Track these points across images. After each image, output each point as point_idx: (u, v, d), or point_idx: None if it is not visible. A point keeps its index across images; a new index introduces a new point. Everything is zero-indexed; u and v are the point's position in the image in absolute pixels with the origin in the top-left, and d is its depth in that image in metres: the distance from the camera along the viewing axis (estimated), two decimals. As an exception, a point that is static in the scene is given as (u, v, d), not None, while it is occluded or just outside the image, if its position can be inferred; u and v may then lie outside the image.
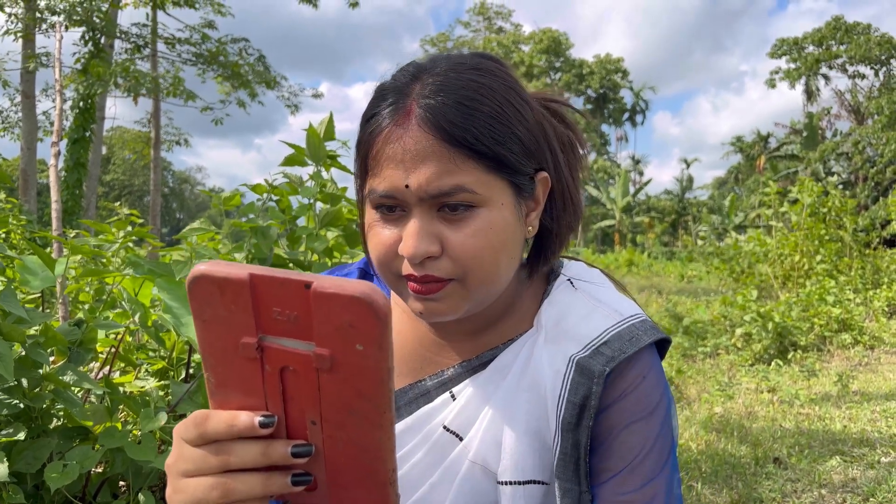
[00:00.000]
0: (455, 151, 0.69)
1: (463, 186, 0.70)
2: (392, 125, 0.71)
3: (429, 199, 0.70)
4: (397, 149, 0.70)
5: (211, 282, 0.47)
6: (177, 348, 2.00)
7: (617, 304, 0.83)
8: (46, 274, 1.93)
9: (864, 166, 25.74)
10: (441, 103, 0.69)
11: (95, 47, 12.81)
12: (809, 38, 30.56)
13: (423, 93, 0.71)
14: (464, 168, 0.69)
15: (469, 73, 0.72)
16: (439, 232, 0.72)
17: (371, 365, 0.47)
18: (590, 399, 0.76)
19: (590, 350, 0.78)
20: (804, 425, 4.06)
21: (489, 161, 0.70)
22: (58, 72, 3.38)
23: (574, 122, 0.87)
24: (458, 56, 0.77)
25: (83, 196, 13.51)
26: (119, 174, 52.42)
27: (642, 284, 15.06)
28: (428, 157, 0.69)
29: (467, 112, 0.69)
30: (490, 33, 52.55)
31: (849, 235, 9.58)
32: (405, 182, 0.70)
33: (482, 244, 0.72)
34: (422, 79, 0.72)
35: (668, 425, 0.79)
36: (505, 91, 0.73)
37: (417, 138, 0.69)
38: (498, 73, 0.75)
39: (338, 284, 0.45)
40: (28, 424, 1.60)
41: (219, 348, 0.49)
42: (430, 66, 0.75)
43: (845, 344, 6.54)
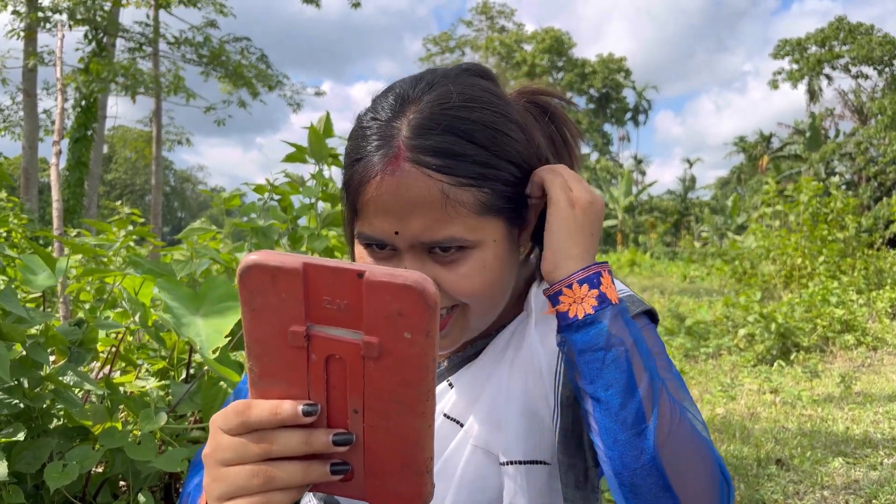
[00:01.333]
0: (448, 198, 0.67)
1: (454, 237, 0.69)
2: (380, 172, 0.68)
3: (419, 245, 0.70)
4: (387, 198, 0.68)
5: (263, 271, 0.47)
6: (177, 348, 2.00)
7: None
8: (47, 273, 1.92)
9: (867, 167, 25.68)
10: (430, 149, 0.67)
11: (98, 46, 12.82)
12: (812, 38, 30.51)
13: (409, 135, 0.68)
14: (455, 217, 0.68)
15: (457, 108, 0.70)
16: (433, 273, 0.71)
17: (417, 353, 0.48)
18: None
19: None
20: (807, 426, 4.05)
21: (481, 203, 0.69)
22: (59, 70, 3.37)
23: (564, 112, 0.85)
24: (444, 79, 0.74)
25: (85, 195, 13.53)
26: (120, 173, 52.48)
27: (645, 284, 15.04)
28: (418, 207, 0.67)
29: (458, 158, 0.67)
30: (492, 32, 52.53)
31: (851, 236, 9.56)
32: (395, 230, 0.69)
33: (476, 283, 0.72)
34: (406, 115, 0.70)
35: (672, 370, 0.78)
36: (494, 122, 0.71)
37: (409, 183, 0.67)
38: (486, 99, 0.72)
39: (389, 273, 0.46)
40: (28, 424, 1.59)
41: (266, 337, 0.50)
42: (414, 96, 0.71)
43: (848, 345, 6.53)
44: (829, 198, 9.95)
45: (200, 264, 1.96)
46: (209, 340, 1.48)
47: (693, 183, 45.00)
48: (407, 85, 0.74)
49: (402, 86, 0.74)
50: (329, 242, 2.12)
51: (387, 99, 0.73)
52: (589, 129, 50.41)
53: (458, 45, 53.31)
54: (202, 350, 1.46)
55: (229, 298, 1.58)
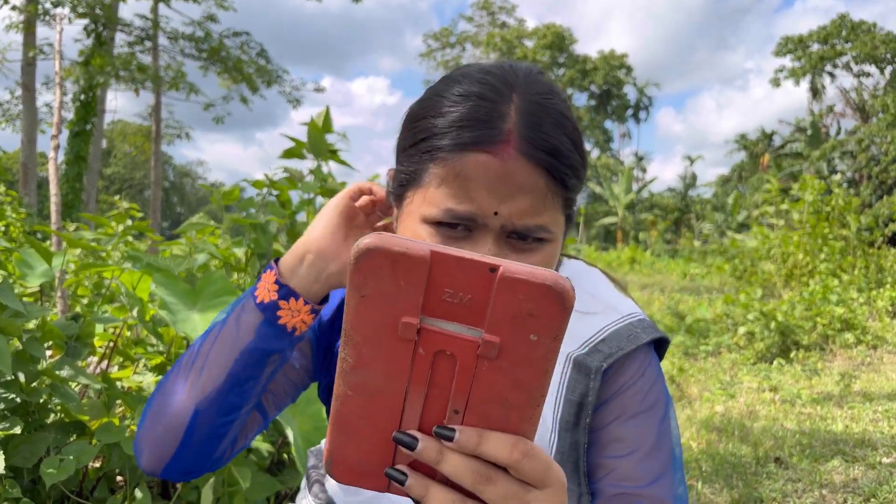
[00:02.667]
0: (551, 189, 0.68)
1: (546, 227, 0.70)
2: (486, 151, 0.67)
3: (506, 230, 0.69)
4: (492, 175, 0.67)
5: (385, 256, 0.44)
6: (175, 343, 1.99)
7: (615, 303, 0.83)
8: (45, 268, 1.92)
9: (869, 164, 25.67)
10: (541, 136, 0.68)
11: (97, 40, 12.79)
12: (814, 36, 30.47)
13: (520, 119, 0.68)
14: (551, 207, 0.69)
15: (559, 102, 0.72)
16: (507, 257, 0.70)
17: (540, 356, 0.45)
18: (587, 396, 0.76)
19: (587, 348, 0.77)
20: (806, 425, 4.05)
21: (565, 200, 0.71)
22: (58, 64, 3.36)
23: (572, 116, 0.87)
24: (536, 73, 0.75)
25: (83, 189, 13.51)
26: (119, 168, 52.44)
27: (645, 282, 15.04)
28: (524, 190, 0.67)
29: (561, 157, 0.69)
30: (493, 28, 52.45)
31: (852, 234, 9.55)
32: (495, 209, 0.67)
33: None
34: (513, 99, 0.69)
35: (668, 423, 0.78)
36: (576, 122, 0.73)
37: (516, 169, 0.67)
38: (567, 100, 0.75)
39: (528, 271, 0.43)
40: (25, 419, 1.59)
41: (372, 326, 0.46)
42: (515, 82, 0.71)
43: (848, 343, 6.52)
44: (830, 196, 9.94)
45: (198, 259, 1.96)
46: (206, 336, 1.47)
47: (694, 180, 44.98)
48: (506, 69, 0.73)
49: (500, 68, 0.73)
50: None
51: (490, 76, 0.72)
52: (590, 125, 50.39)
53: (458, 41, 53.24)
54: (199, 345, 1.46)
55: (226, 293, 1.57)
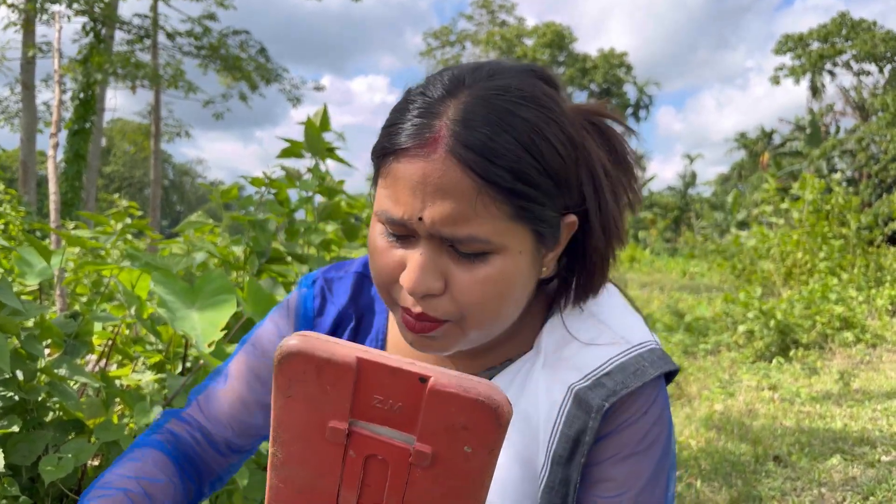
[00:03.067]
0: (479, 193, 0.62)
1: (476, 237, 0.63)
2: (416, 145, 0.63)
3: (440, 236, 0.65)
4: (416, 174, 0.63)
5: (309, 360, 0.43)
6: (174, 341, 1.99)
7: (625, 330, 0.77)
8: (44, 266, 1.91)
9: (868, 163, 25.67)
10: (476, 136, 0.62)
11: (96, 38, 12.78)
12: (815, 34, 30.44)
13: (456, 117, 0.63)
14: (483, 214, 0.63)
15: (513, 103, 0.64)
16: (446, 268, 0.66)
17: (475, 468, 0.44)
18: (585, 434, 0.72)
19: (591, 380, 0.73)
20: (805, 423, 4.05)
21: (514, 208, 0.64)
22: (57, 62, 3.36)
23: (623, 137, 0.78)
24: (503, 71, 0.68)
25: (83, 188, 13.51)
26: (119, 166, 52.43)
27: (644, 281, 15.04)
28: (449, 193, 0.62)
29: (499, 158, 0.62)
30: (493, 27, 52.43)
31: (852, 233, 9.56)
32: (419, 214, 0.63)
33: (489, 291, 0.66)
34: (457, 97, 0.65)
35: (665, 464, 0.74)
36: (548, 126, 0.65)
37: (443, 170, 0.62)
38: (543, 102, 0.67)
39: (459, 384, 0.41)
40: (23, 417, 1.59)
41: (299, 427, 0.45)
42: (469, 80, 0.66)
43: (847, 342, 6.53)
44: (830, 195, 9.94)
45: (197, 258, 1.95)
46: (204, 334, 1.47)
47: (694, 179, 44.98)
48: (466, 69, 0.69)
49: (461, 69, 0.69)
50: (326, 236, 2.11)
51: (441, 78, 0.68)
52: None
53: (458, 40, 53.20)
54: (198, 344, 1.46)
55: (224, 292, 1.57)
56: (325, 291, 0.88)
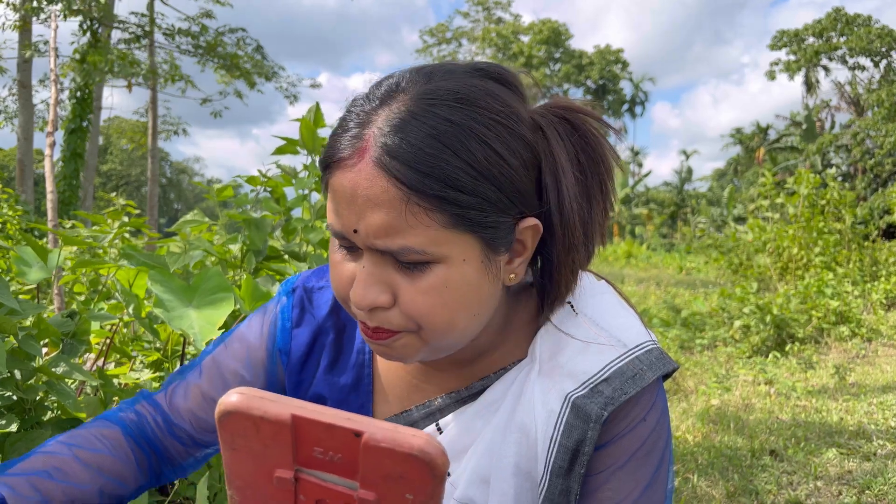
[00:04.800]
0: (408, 203, 0.60)
1: (411, 248, 0.61)
2: (347, 156, 0.62)
3: (377, 249, 0.63)
4: (348, 186, 0.62)
5: (246, 418, 0.44)
6: (172, 340, 2.00)
7: (621, 332, 0.74)
8: (41, 265, 1.92)
9: (864, 158, 25.71)
10: (401, 144, 0.60)
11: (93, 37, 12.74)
12: (810, 29, 30.45)
13: (383, 125, 0.61)
14: (415, 225, 0.60)
15: (445, 107, 0.62)
16: (392, 281, 0.64)
17: None
18: (584, 444, 0.70)
19: (588, 388, 0.70)
20: (801, 417, 4.07)
21: (449, 216, 0.61)
22: (53, 61, 3.36)
23: (601, 133, 0.75)
24: (447, 74, 0.66)
25: (80, 186, 13.48)
26: (116, 164, 52.32)
27: (641, 276, 15.06)
28: (379, 206, 0.60)
29: (428, 166, 0.59)
30: (489, 24, 52.35)
31: (847, 228, 9.58)
32: (354, 227, 0.63)
33: (435, 302, 0.64)
34: (390, 105, 0.63)
35: (664, 467, 0.73)
36: (487, 128, 0.62)
37: (370, 180, 0.60)
38: (484, 104, 0.63)
39: (392, 438, 0.42)
40: (21, 416, 1.59)
41: (248, 476, 0.47)
42: (405, 86, 0.65)
43: (843, 336, 6.55)
44: (825, 189, 9.96)
45: (194, 256, 1.96)
46: (202, 332, 1.48)
47: (690, 175, 45.03)
48: (406, 74, 0.67)
49: (402, 74, 0.67)
50: (324, 234, 2.12)
51: (380, 85, 0.66)
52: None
53: (454, 37, 53.10)
54: (195, 342, 1.46)
55: (222, 290, 1.57)
56: (305, 301, 0.86)
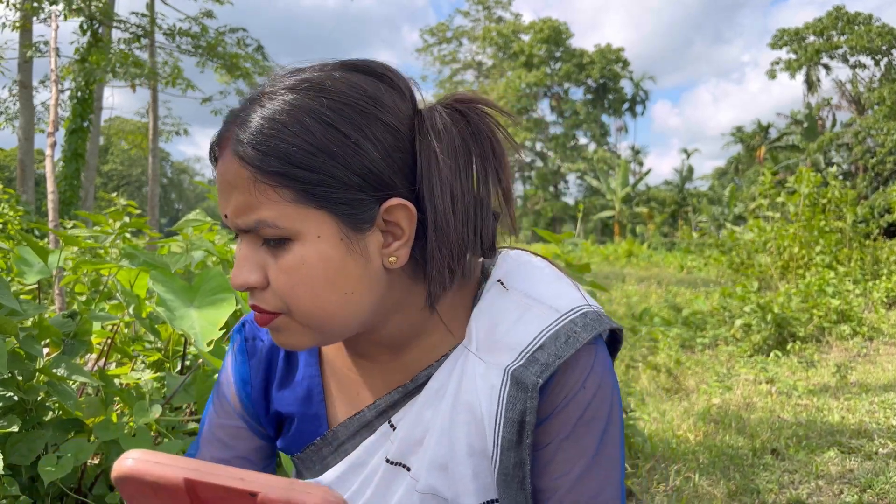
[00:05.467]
0: (255, 182, 0.65)
1: (264, 221, 0.66)
2: (217, 150, 0.70)
3: (244, 230, 0.68)
4: (218, 176, 0.69)
5: (141, 483, 0.45)
6: (173, 340, 2.00)
7: (554, 300, 0.74)
8: (42, 265, 1.92)
9: (865, 157, 25.70)
10: (250, 130, 0.66)
11: (93, 37, 12.74)
12: (810, 28, 30.43)
13: (242, 117, 0.67)
14: (264, 200, 0.65)
15: (295, 94, 0.67)
16: (264, 261, 0.68)
17: None
18: (526, 414, 0.70)
19: (524, 358, 0.71)
20: (802, 416, 4.07)
21: (296, 192, 0.65)
22: (54, 61, 3.36)
23: (495, 122, 0.75)
24: (316, 70, 0.70)
25: (81, 186, 13.48)
26: (117, 164, 52.35)
27: (642, 275, 15.06)
28: (234, 188, 0.66)
29: (268, 139, 0.65)
30: (490, 23, 52.31)
31: (848, 226, 9.57)
32: (225, 212, 0.69)
33: (295, 280, 0.67)
34: (256, 100, 0.68)
35: (612, 434, 0.73)
36: (332, 111, 0.66)
37: (226, 167, 0.67)
38: (341, 90, 0.67)
39: (287, 497, 0.42)
40: (22, 417, 1.59)
41: None
42: (271, 86, 0.70)
43: (844, 335, 6.55)
44: (826, 188, 9.96)
45: (195, 256, 1.96)
46: (203, 333, 1.48)
47: (690, 173, 45.00)
48: (280, 74, 0.71)
49: (275, 76, 0.72)
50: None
51: (257, 86, 0.72)
52: (586, 119, 50.33)
53: (455, 36, 53.07)
54: (197, 342, 1.46)
55: (223, 290, 1.57)
56: (255, 331, 0.88)
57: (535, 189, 49.93)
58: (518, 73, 48.62)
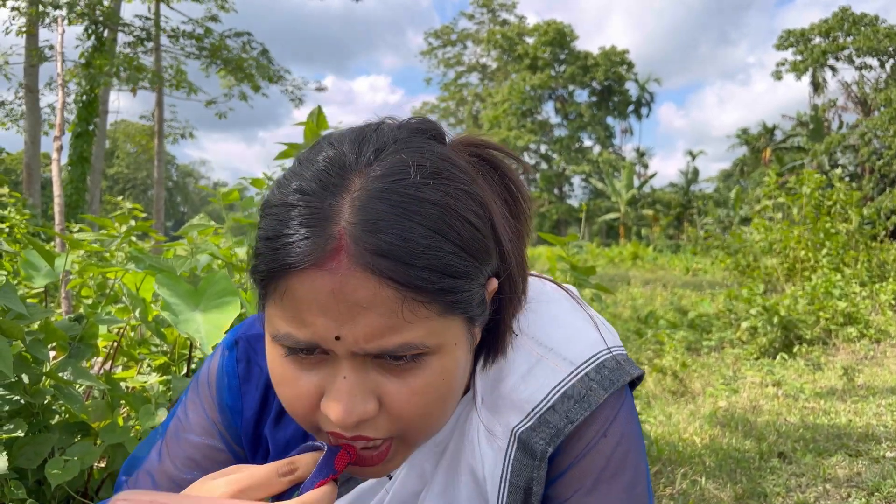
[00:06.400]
0: (404, 300, 0.53)
1: (411, 344, 0.55)
2: (313, 265, 0.53)
3: (363, 353, 0.56)
4: (323, 292, 0.53)
5: None
6: (178, 343, 2.00)
7: (567, 348, 0.68)
8: (48, 269, 1.92)
9: (871, 158, 25.61)
10: (384, 238, 0.52)
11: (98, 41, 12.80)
12: (816, 29, 30.37)
13: (354, 218, 0.53)
14: (413, 320, 0.54)
15: (414, 185, 0.55)
16: (377, 385, 0.57)
17: None
18: (533, 483, 0.65)
19: (533, 419, 0.65)
20: (809, 419, 4.05)
21: (444, 305, 0.55)
22: (60, 65, 3.37)
23: (513, 170, 0.69)
24: (394, 144, 0.58)
25: (87, 190, 13.54)
26: (123, 167, 52.56)
27: (647, 278, 15.03)
28: (369, 308, 0.53)
29: (419, 259, 0.53)
30: (494, 25, 52.35)
31: (854, 228, 9.54)
32: (336, 334, 0.54)
33: (432, 398, 0.58)
34: (348, 190, 0.54)
35: (641, 484, 0.67)
36: (457, 200, 0.56)
37: (353, 283, 0.52)
38: (449, 174, 0.57)
39: None
40: (29, 420, 1.60)
41: None
42: (354, 164, 0.56)
43: (851, 337, 6.52)
44: (832, 190, 9.93)
45: (200, 260, 1.96)
46: (209, 336, 1.48)
47: (696, 175, 44.92)
48: (346, 146, 0.58)
49: (338, 148, 0.58)
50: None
51: (319, 164, 0.57)
52: (591, 121, 50.28)
53: (459, 39, 53.13)
54: (202, 346, 1.47)
55: (228, 294, 1.57)
56: (250, 352, 0.78)
57: (539, 192, 49.93)
58: (522, 76, 48.62)
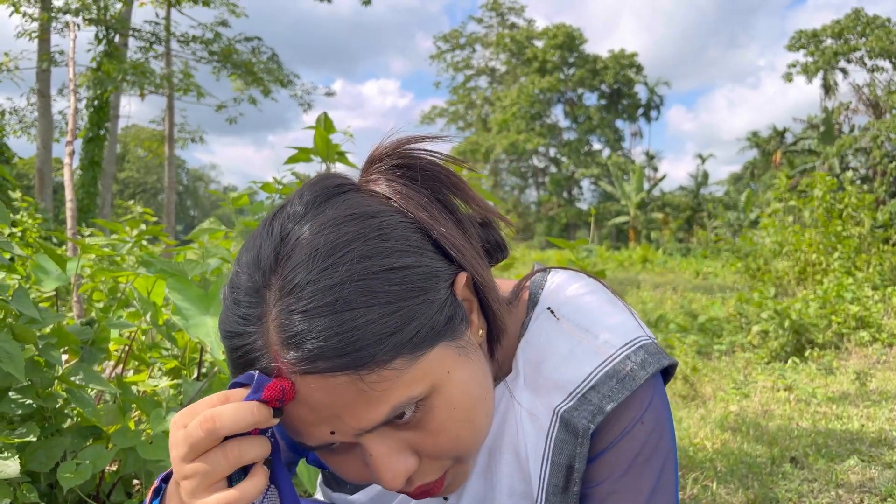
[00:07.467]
0: (362, 380, 0.53)
1: (401, 404, 0.56)
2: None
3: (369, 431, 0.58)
4: (298, 409, 0.56)
5: None
6: (189, 347, 2.01)
7: (607, 333, 0.69)
8: (60, 273, 1.94)
9: (883, 161, 25.44)
10: (308, 347, 0.53)
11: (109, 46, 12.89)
12: (828, 30, 30.23)
13: (283, 334, 0.54)
14: (387, 386, 0.54)
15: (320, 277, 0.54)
16: (405, 441, 0.60)
17: None
18: (575, 460, 0.67)
19: (575, 398, 0.67)
20: (821, 424, 4.02)
21: (407, 354, 0.55)
22: (72, 71, 3.40)
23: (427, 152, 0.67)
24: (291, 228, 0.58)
25: (98, 194, 13.63)
26: (133, 172, 52.89)
27: (657, 281, 14.98)
28: (336, 403, 0.54)
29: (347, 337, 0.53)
30: (503, 29, 52.39)
31: (866, 231, 9.48)
32: (330, 430, 0.56)
33: (458, 424, 0.60)
34: (268, 315, 0.55)
35: (669, 472, 0.69)
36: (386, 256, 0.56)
37: (310, 392, 0.54)
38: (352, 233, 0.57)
39: None
40: (41, 424, 1.61)
41: None
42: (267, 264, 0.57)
43: (863, 341, 6.47)
44: (843, 193, 9.87)
45: (211, 264, 1.97)
46: (219, 340, 1.48)
47: (706, 179, 44.75)
48: (258, 244, 0.58)
49: (254, 245, 0.59)
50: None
51: (241, 274, 0.58)
52: (600, 124, 50.22)
53: (468, 42, 53.19)
54: (212, 350, 1.47)
55: (239, 298, 1.58)
56: None
57: (548, 195, 49.87)
58: (531, 79, 48.62)
